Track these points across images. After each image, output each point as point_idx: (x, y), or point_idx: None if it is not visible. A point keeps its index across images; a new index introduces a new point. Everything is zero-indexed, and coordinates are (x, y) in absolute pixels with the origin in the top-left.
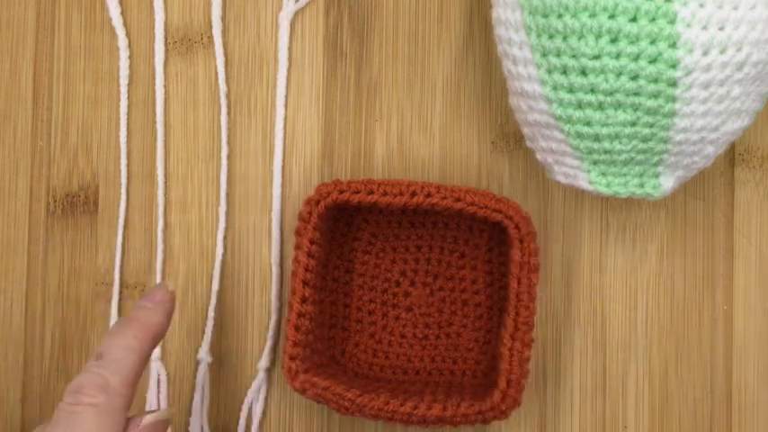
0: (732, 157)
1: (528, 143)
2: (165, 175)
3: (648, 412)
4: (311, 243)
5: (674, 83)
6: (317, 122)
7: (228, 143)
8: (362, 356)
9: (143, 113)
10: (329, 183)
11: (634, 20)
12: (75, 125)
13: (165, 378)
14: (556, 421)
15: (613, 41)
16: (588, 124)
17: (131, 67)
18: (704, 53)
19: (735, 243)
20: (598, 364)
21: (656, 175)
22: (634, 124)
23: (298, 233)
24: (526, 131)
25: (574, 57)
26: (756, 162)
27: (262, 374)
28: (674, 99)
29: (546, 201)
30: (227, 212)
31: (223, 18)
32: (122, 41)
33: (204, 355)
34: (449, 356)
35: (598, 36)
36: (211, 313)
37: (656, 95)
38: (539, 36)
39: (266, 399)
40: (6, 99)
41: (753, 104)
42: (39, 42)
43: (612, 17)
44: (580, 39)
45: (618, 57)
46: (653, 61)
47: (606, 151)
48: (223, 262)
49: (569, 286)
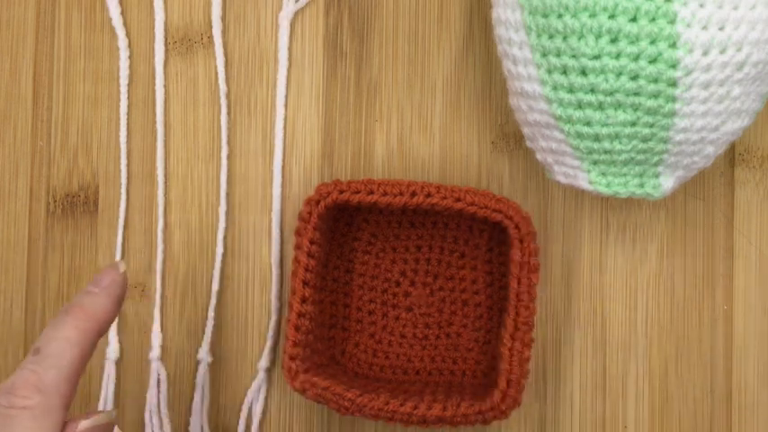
0: (732, 157)
1: (528, 143)
2: (165, 175)
3: (648, 412)
4: (311, 243)
5: (674, 83)
6: (317, 122)
7: (228, 143)
8: (362, 356)
9: (143, 113)
10: (329, 183)
11: (634, 20)
12: (75, 125)
13: (165, 378)
14: (556, 421)
15: (613, 41)
16: (588, 124)
17: (131, 67)
18: (704, 53)
19: (735, 243)
20: (598, 364)
21: (656, 175)
22: (634, 124)
23: (298, 233)
24: (526, 131)
25: (574, 57)
26: (756, 162)
27: (262, 374)
28: (674, 99)
29: (546, 201)
30: (227, 212)
31: (223, 18)
32: (122, 41)
33: (204, 355)
34: (449, 356)
35: (598, 36)
36: (211, 313)
37: (656, 95)
38: (539, 36)
39: (266, 399)
40: (6, 99)
41: (753, 104)
42: (39, 42)
43: (612, 17)
44: (580, 39)
45: (618, 57)
46: (653, 61)
47: (606, 151)
48: (223, 262)
49: (569, 286)
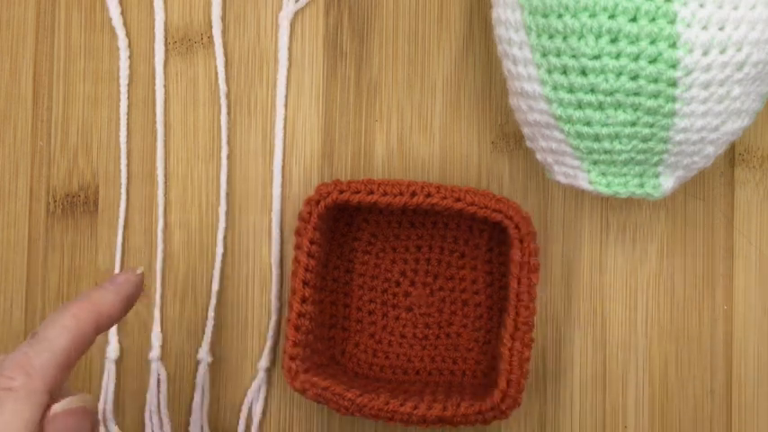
0: (732, 157)
1: (528, 143)
2: (165, 175)
3: (648, 412)
4: (311, 243)
5: (674, 83)
6: (317, 122)
7: (228, 143)
8: (362, 356)
9: (143, 113)
10: (329, 183)
11: (634, 20)
12: (75, 125)
13: (165, 378)
14: (556, 421)
15: (613, 41)
16: (588, 124)
17: (131, 67)
18: (704, 53)
19: (735, 243)
20: (598, 364)
21: (656, 175)
22: (634, 124)
23: (298, 233)
24: (526, 131)
25: (574, 57)
26: (756, 162)
27: (262, 374)
28: (674, 99)
29: (546, 201)
30: (227, 212)
31: (223, 18)
32: (122, 41)
33: (204, 355)
34: (449, 356)
35: (598, 36)
36: (211, 313)
37: (656, 95)
38: (539, 36)
39: (266, 399)
40: (6, 99)
41: (753, 104)
42: (39, 42)
43: (612, 17)
44: (580, 39)
45: (618, 57)
46: (653, 61)
47: (606, 151)
48: (223, 262)
49: (569, 286)
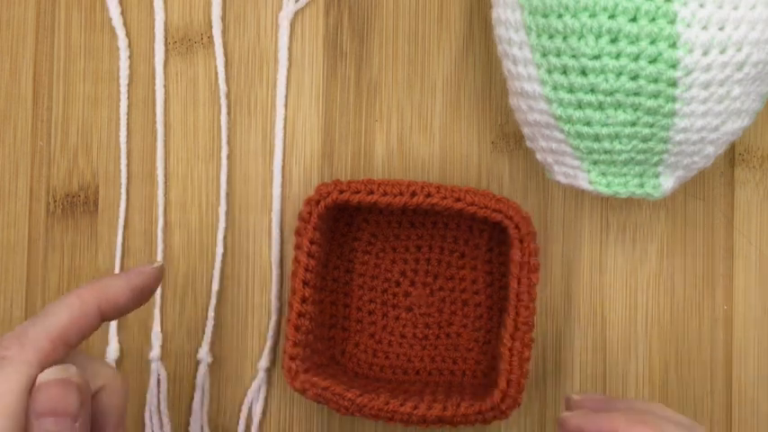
0: (732, 157)
1: (528, 143)
2: (165, 175)
3: None
4: (311, 243)
5: (674, 83)
6: (317, 122)
7: (228, 143)
8: (362, 356)
9: (143, 113)
10: (329, 183)
11: (634, 20)
12: (75, 125)
13: (165, 378)
14: (556, 421)
15: (613, 41)
16: (588, 124)
17: (131, 67)
18: (704, 53)
19: (735, 243)
20: (598, 364)
21: (656, 175)
22: (634, 124)
23: (298, 233)
24: (526, 131)
25: (574, 57)
26: (756, 162)
27: (262, 374)
28: (674, 99)
29: (546, 201)
30: (227, 212)
31: (223, 18)
32: (122, 41)
33: (204, 355)
34: (449, 356)
35: (598, 36)
36: (211, 313)
37: (656, 95)
38: (539, 36)
39: (266, 399)
40: (6, 99)
41: (753, 104)
42: (39, 42)
43: (612, 17)
44: (580, 39)
45: (618, 57)
46: (653, 61)
47: (606, 151)
48: (223, 262)
49: (569, 286)
